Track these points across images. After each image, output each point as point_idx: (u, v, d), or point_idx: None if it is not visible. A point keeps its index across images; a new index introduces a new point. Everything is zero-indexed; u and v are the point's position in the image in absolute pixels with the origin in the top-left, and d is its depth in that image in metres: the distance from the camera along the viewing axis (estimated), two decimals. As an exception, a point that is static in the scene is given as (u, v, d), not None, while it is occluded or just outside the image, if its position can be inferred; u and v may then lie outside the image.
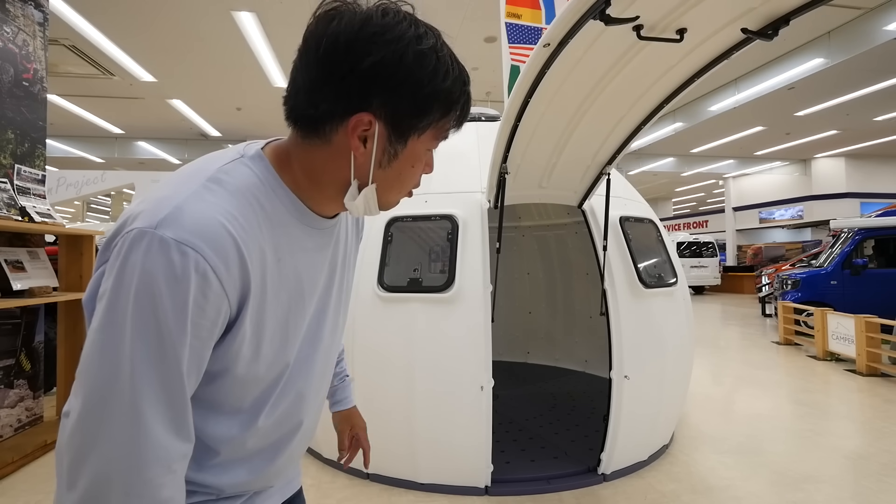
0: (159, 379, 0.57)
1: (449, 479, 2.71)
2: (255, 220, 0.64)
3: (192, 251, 0.56)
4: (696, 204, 26.89)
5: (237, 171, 0.66)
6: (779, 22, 1.46)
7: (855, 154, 15.41)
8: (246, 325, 0.65)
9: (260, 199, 0.66)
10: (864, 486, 2.85)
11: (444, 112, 0.67)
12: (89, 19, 6.65)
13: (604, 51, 1.76)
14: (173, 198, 0.59)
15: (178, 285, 0.55)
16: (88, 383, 0.56)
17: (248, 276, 0.62)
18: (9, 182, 3.22)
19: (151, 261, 0.55)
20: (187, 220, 0.57)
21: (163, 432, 0.58)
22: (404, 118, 0.65)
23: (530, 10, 3.75)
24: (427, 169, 0.73)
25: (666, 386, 3.02)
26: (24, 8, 3.50)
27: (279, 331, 0.71)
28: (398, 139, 0.66)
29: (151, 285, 0.55)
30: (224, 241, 0.59)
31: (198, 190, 0.61)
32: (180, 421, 0.60)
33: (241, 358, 0.66)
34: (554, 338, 5.08)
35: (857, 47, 7.33)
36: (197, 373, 0.62)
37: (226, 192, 0.63)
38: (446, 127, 0.69)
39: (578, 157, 2.61)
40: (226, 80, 9.14)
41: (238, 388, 0.69)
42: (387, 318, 2.72)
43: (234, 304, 0.62)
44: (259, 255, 0.64)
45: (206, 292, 0.58)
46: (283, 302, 0.70)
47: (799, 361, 6.21)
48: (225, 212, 0.61)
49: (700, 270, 15.83)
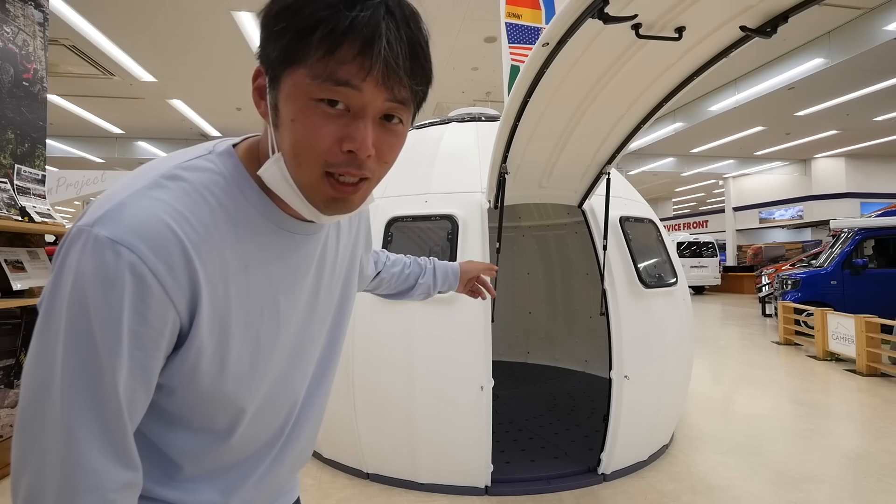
0: (93, 395, 0.51)
1: (449, 479, 2.71)
2: (213, 223, 0.57)
3: (126, 251, 0.50)
4: (696, 204, 26.88)
5: (199, 167, 0.59)
6: (777, 19, 1.46)
7: (855, 154, 15.40)
8: (202, 336, 0.57)
9: (222, 199, 0.59)
10: (864, 486, 2.85)
11: (296, 36, 0.51)
12: (89, 19, 6.65)
13: (602, 50, 1.76)
14: (119, 194, 0.53)
15: (112, 289, 0.49)
16: (24, 394, 0.52)
17: (197, 283, 0.55)
18: (9, 182, 3.22)
19: (85, 262, 0.50)
20: (126, 217, 0.51)
21: (97, 456, 0.51)
22: (268, 54, 0.54)
23: (530, 10, 3.75)
24: (350, 144, 0.54)
25: (666, 386, 3.02)
26: (24, 8, 3.50)
27: (249, 344, 0.63)
28: (272, 84, 0.55)
29: (84, 289, 0.50)
30: (166, 242, 0.52)
31: (147, 186, 0.54)
32: (119, 445, 0.53)
33: (201, 373, 0.59)
34: (554, 338, 5.08)
35: (857, 47, 7.33)
36: (145, 388, 0.55)
37: (180, 190, 0.56)
38: (313, 55, 0.51)
39: (578, 157, 2.61)
40: (226, 80, 9.14)
41: (205, 405, 0.62)
42: (387, 319, 2.72)
43: (184, 312, 0.55)
44: (217, 260, 0.57)
45: (146, 298, 0.51)
46: (253, 313, 0.62)
47: (799, 361, 6.20)
48: (172, 210, 0.54)
49: (700, 270, 15.82)
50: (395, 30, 0.52)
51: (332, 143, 0.54)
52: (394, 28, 0.52)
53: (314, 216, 0.61)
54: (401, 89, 0.55)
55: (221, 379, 0.61)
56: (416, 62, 0.55)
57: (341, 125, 0.54)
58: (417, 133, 3.62)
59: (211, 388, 0.61)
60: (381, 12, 0.51)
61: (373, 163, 0.57)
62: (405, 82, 0.54)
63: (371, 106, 0.54)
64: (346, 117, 0.54)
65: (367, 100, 0.53)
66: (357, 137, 0.54)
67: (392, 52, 0.52)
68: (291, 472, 0.79)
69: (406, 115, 0.58)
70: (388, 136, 0.57)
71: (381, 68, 0.52)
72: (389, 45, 0.51)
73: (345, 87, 0.52)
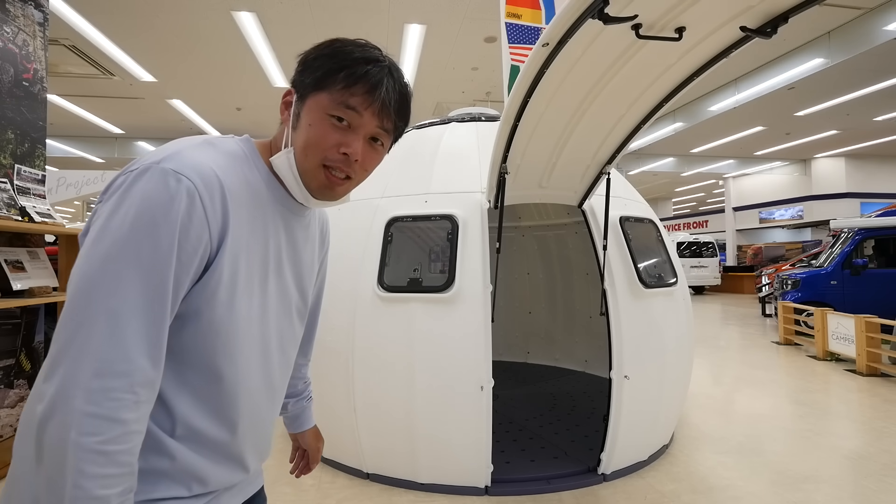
0: (144, 288, 0.62)
1: (449, 479, 2.71)
2: (238, 180, 0.75)
3: (185, 178, 0.66)
4: (696, 204, 26.88)
5: (227, 142, 0.79)
6: (778, 20, 1.46)
7: (855, 154, 15.40)
8: (224, 265, 0.71)
9: (243, 167, 0.77)
10: (864, 486, 2.85)
11: (327, 72, 0.76)
12: (89, 19, 6.65)
13: (602, 50, 1.76)
14: (172, 148, 0.71)
15: (172, 204, 0.64)
16: (74, 287, 0.61)
17: (227, 217, 0.71)
18: (9, 182, 3.22)
19: (153, 185, 0.64)
20: (186, 159, 0.69)
21: (136, 346, 0.61)
22: (303, 80, 0.79)
23: (530, 10, 3.75)
24: (346, 148, 0.77)
25: (666, 386, 3.02)
26: (24, 8, 3.50)
27: (247, 285, 0.76)
28: (300, 100, 0.79)
29: (151, 205, 0.63)
30: (212, 181, 0.69)
31: (195, 145, 0.73)
32: (154, 340, 0.63)
33: (217, 300, 0.72)
34: (554, 338, 5.08)
35: (857, 47, 7.33)
36: (175, 296, 0.66)
37: (217, 152, 0.75)
38: (336, 87, 0.76)
39: (578, 157, 2.61)
40: (226, 80, 9.14)
41: (212, 338, 0.73)
42: (387, 318, 2.72)
43: (215, 238, 0.70)
44: (240, 207, 0.74)
45: (192, 215, 0.66)
46: (255, 259, 0.77)
47: (799, 361, 6.20)
48: (214, 162, 0.72)
49: (700, 270, 15.82)
50: (392, 84, 0.79)
51: (333, 144, 0.78)
52: (391, 83, 0.79)
53: (305, 199, 0.83)
54: (388, 121, 0.81)
55: (231, 310, 0.74)
56: (402, 106, 0.82)
57: (342, 135, 0.78)
58: (417, 133, 3.62)
59: (221, 318, 0.72)
60: (385, 71, 0.79)
61: (358, 167, 0.81)
62: (392, 118, 0.81)
63: (365, 127, 0.79)
64: (346, 131, 0.78)
65: (364, 122, 0.78)
66: (352, 145, 0.78)
67: (388, 97, 0.78)
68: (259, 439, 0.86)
69: (387, 140, 0.84)
70: (371, 152, 0.82)
71: (379, 105, 0.78)
72: (387, 91, 0.78)
73: (351, 111, 0.77)
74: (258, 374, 0.82)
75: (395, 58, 0.84)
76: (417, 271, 2.82)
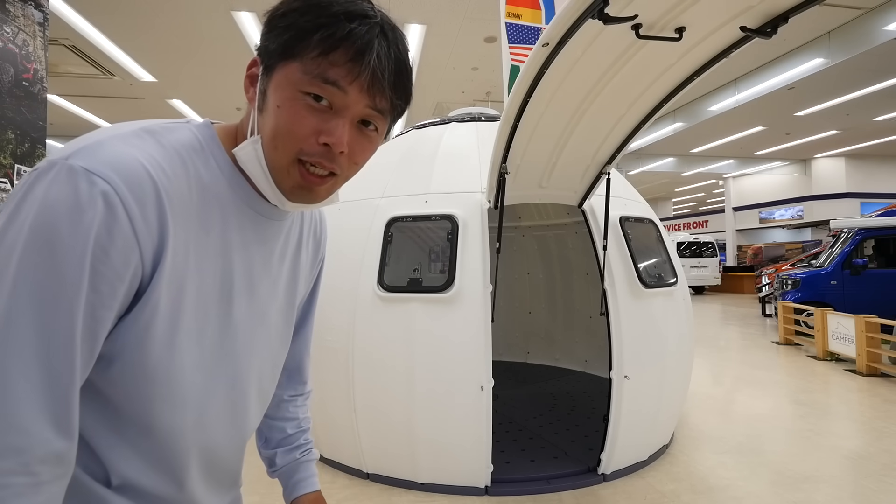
0: (42, 333, 0.46)
1: (449, 479, 2.71)
2: (185, 179, 0.57)
3: (100, 180, 0.48)
4: (696, 204, 26.88)
5: (177, 129, 0.60)
6: (777, 20, 1.46)
7: (855, 154, 15.39)
8: (160, 292, 0.53)
9: (196, 161, 0.59)
10: (864, 486, 2.85)
11: (297, 34, 0.56)
12: (89, 19, 6.65)
13: (603, 50, 1.76)
14: (95, 136, 0.53)
15: (81, 215, 0.47)
16: None
17: (166, 231, 0.53)
18: (9, 182, 3.22)
19: (56, 189, 0.47)
20: (104, 153, 0.50)
21: (31, 413, 0.45)
22: (267, 46, 0.59)
23: (530, 10, 3.75)
24: (327, 137, 0.58)
25: (666, 386, 3.02)
26: (24, 8, 3.50)
27: (198, 317, 0.59)
28: (266, 72, 0.59)
29: (49, 215, 0.46)
30: (142, 182, 0.51)
31: (126, 134, 0.54)
32: (58, 404, 0.47)
33: (151, 338, 0.54)
34: (554, 338, 5.08)
35: (857, 47, 7.32)
36: (91, 340, 0.50)
37: (157, 143, 0.55)
38: (310, 54, 0.56)
39: (578, 157, 2.61)
40: (226, 81, 9.13)
41: (146, 385, 0.55)
42: (387, 318, 2.72)
43: (148, 259, 0.52)
44: (185, 216, 0.56)
45: (113, 230, 0.48)
46: (206, 281, 0.59)
47: (799, 361, 6.20)
48: (150, 157, 0.53)
49: (700, 270, 15.82)
50: (385, 48, 0.58)
51: (309, 133, 0.58)
52: (385, 46, 0.58)
53: (279, 201, 0.63)
54: (382, 99, 0.60)
55: (170, 352, 0.56)
56: (399, 78, 0.60)
57: (322, 119, 0.58)
58: (417, 133, 3.62)
59: (158, 361, 0.55)
60: (376, 31, 0.57)
61: (344, 160, 0.61)
62: (387, 94, 0.60)
63: (352, 108, 0.58)
64: (327, 113, 0.58)
65: (349, 102, 0.58)
66: (335, 133, 0.58)
67: (380, 65, 0.57)
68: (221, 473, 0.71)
69: (382, 124, 0.63)
70: (362, 140, 0.61)
71: (368, 77, 0.57)
72: (379, 58, 0.57)
73: (332, 86, 0.56)
74: (221, 425, 0.65)
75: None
76: (417, 271, 2.82)
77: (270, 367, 0.74)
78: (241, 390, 0.67)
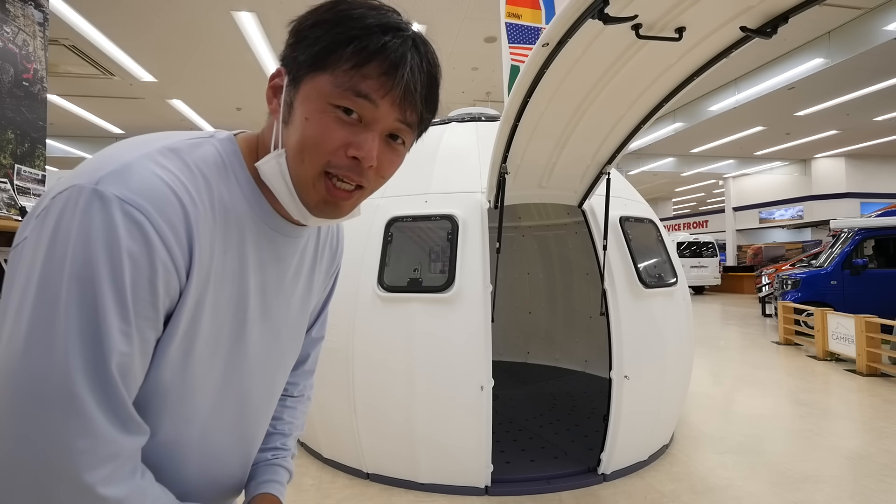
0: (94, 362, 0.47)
1: (449, 479, 2.71)
2: (210, 203, 0.57)
3: (135, 211, 0.48)
4: (696, 204, 26.87)
5: (201, 147, 0.59)
6: (778, 20, 1.46)
7: (855, 154, 15.39)
8: (183, 315, 0.55)
9: (217, 182, 0.59)
10: (864, 486, 2.85)
11: (330, 45, 0.55)
12: (89, 19, 6.65)
13: (603, 50, 1.76)
14: (122, 156, 0.52)
15: (121, 250, 0.47)
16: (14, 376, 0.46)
17: (193, 254, 0.54)
18: (9, 182, 3.22)
19: (91, 221, 0.47)
20: (135, 180, 0.50)
21: (107, 425, 0.49)
22: (296, 57, 0.58)
23: (530, 10, 3.75)
24: (357, 151, 0.58)
25: (666, 386, 3.02)
26: (24, 8, 3.50)
27: (212, 342, 0.60)
28: (293, 83, 0.58)
29: (91, 251, 0.47)
30: (173, 209, 0.51)
31: (152, 153, 0.53)
32: (126, 414, 0.51)
33: (168, 358, 0.55)
34: (554, 338, 5.08)
35: (857, 47, 7.32)
36: (142, 358, 0.52)
37: (183, 164, 0.55)
38: (342, 66, 0.55)
39: (578, 157, 2.61)
40: (226, 80, 9.13)
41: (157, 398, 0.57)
42: (387, 318, 2.72)
43: (183, 283, 0.54)
44: (208, 237, 0.56)
45: (154, 262, 0.50)
46: (221, 302, 0.60)
47: (799, 361, 6.20)
48: (177, 180, 0.53)
49: (700, 270, 15.82)
50: (418, 61, 0.58)
51: (338, 146, 0.57)
52: (417, 59, 0.58)
53: (302, 216, 0.63)
54: (412, 113, 0.60)
55: (182, 375, 0.57)
56: (430, 92, 0.61)
57: (351, 132, 0.57)
58: (417, 133, 3.62)
59: (171, 378, 0.57)
60: (409, 44, 0.58)
61: (372, 174, 0.61)
62: (418, 108, 0.60)
63: (382, 122, 0.58)
64: (356, 126, 0.58)
65: (380, 115, 0.58)
66: (364, 146, 0.58)
67: (413, 79, 0.57)
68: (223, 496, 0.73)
69: (409, 137, 0.63)
70: (390, 153, 0.62)
71: (401, 91, 0.57)
72: (412, 72, 0.57)
73: (364, 99, 0.56)
74: (226, 439, 0.67)
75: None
76: (417, 271, 2.82)
77: (280, 381, 0.76)
78: (249, 408, 0.69)
